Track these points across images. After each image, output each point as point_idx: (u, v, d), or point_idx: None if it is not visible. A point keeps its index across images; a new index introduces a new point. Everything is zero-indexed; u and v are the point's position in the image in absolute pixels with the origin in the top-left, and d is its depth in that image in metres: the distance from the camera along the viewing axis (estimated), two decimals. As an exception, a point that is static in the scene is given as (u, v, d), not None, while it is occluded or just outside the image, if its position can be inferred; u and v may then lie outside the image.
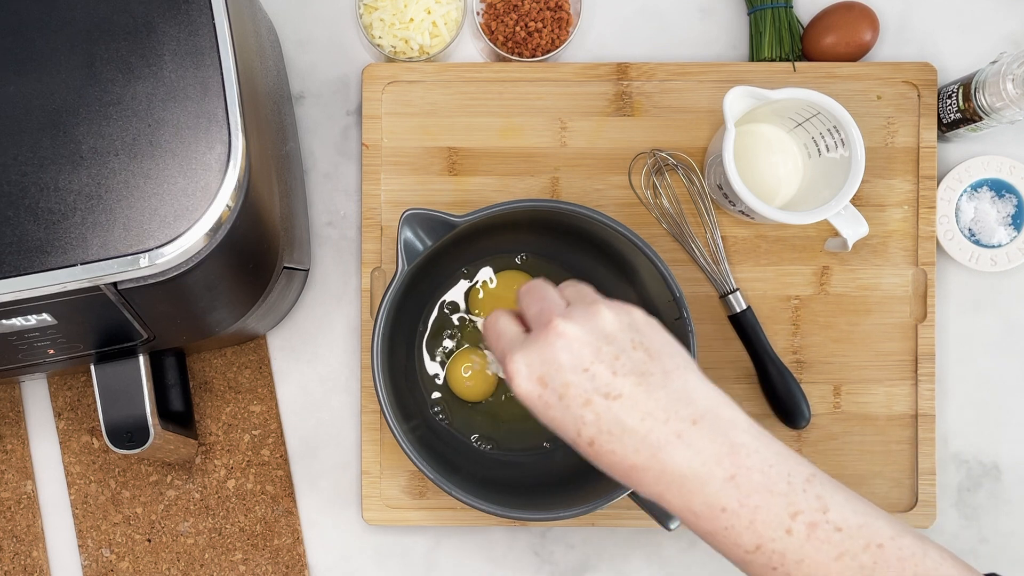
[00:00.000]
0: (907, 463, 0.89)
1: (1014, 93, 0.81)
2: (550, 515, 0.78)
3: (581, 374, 0.59)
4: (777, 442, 0.58)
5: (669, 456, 0.57)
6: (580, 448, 0.60)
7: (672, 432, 0.58)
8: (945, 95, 0.88)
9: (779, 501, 0.56)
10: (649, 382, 0.59)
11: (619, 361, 0.59)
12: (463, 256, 0.86)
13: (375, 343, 0.77)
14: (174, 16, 0.64)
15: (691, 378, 0.60)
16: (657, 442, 0.58)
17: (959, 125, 0.87)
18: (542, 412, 0.60)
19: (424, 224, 0.77)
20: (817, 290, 0.90)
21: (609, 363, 0.59)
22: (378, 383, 0.78)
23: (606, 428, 0.58)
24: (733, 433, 0.58)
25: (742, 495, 0.57)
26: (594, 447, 0.59)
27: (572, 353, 0.59)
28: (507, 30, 0.89)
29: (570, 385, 0.59)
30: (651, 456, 0.58)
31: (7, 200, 0.62)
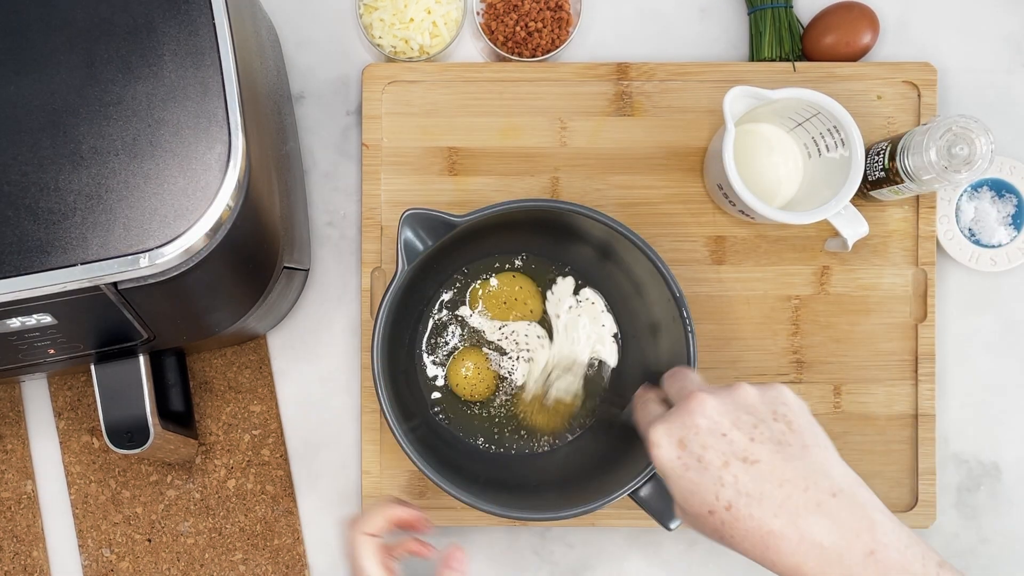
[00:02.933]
0: (907, 463, 0.89)
1: (936, 162, 0.78)
2: (550, 515, 0.78)
3: (720, 438, 0.61)
4: (907, 528, 0.60)
5: (808, 525, 0.59)
6: (715, 517, 0.61)
7: (812, 501, 0.59)
8: (873, 152, 0.85)
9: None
10: (787, 452, 0.61)
11: (757, 429, 0.61)
12: (463, 256, 0.86)
13: (375, 343, 0.77)
14: (174, 16, 0.64)
15: (830, 456, 0.62)
16: (796, 509, 0.59)
17: (882, 184, 0.84)
18: (680, 475, 0.62)
19: (424, 224, 0.77)
20: (817, 290, 0.90)
21: (747, 430, 0.61)
22: (378, 383, 0.77)
23: (745, 491, 0.60)
24: (871, 510, 0.59)
25: (880, 571, 0.58)
26: (731, 511, 0.60)
27: (710, 419, 0.62)
28: (507, 30, 0.89)
29: (708, 448, 0.61)
30: (790, 523, 0.59)
31: (7, 200, 0.62)
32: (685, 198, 0.90)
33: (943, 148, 0.78)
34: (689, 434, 0.62)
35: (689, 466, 0.61)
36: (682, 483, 0.62)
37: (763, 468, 0.60)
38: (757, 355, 0.89)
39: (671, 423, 0.63)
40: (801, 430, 0.62)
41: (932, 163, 0.78)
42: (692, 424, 0.62)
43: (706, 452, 0.61)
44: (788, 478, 0.60)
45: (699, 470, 0.61)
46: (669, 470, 0.62)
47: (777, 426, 0.62)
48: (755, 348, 0.89)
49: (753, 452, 0.61)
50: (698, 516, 0.62)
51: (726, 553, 0.90)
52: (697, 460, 0.61)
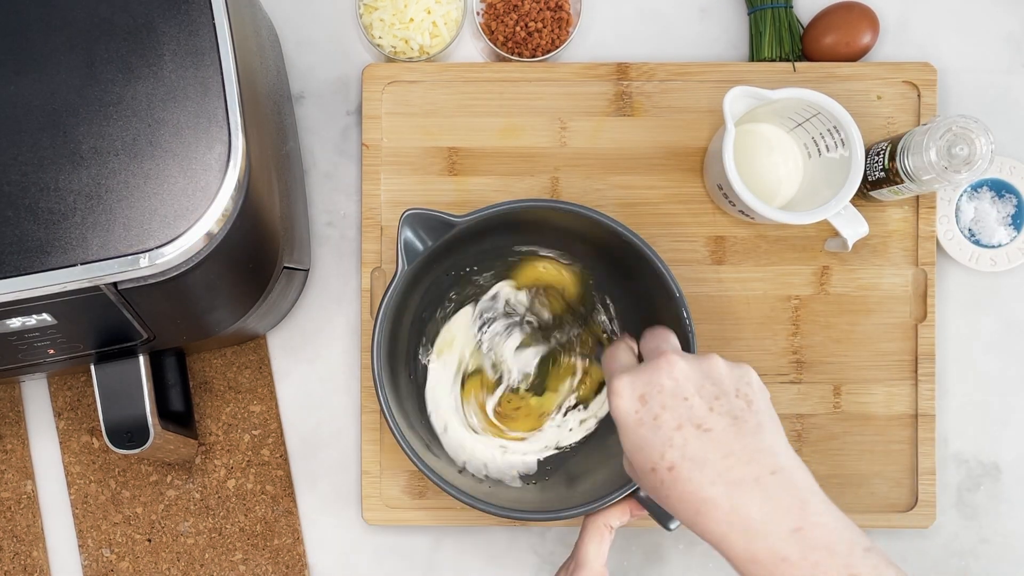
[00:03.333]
0: (907, 463, 0.89)
1: (936, 162, 0.78)
2: (550, 515, 0.78)
3: (680, 401, 0.63)
4: (842, 513, 0.61)
5: (743, 497, 0.60)
6: (656, 475, 0.63)
7: (751, 475, 0.61)
8: (873, 152, 0.85)
9: (839, 561, 0.59)
10: (740, 427, 0.62)
11: (718, 401, 0.63)
12: (463, 255, 0.86)
13: (375, 343, 0.77)
14: (174, 16, 0.64)
15: (779, 440, 0.63)
16: (734, 480, 0.61)
17: (882, 184, 0.84)
18: (632, 429, 0.64)
19: (424, 224, 0.77)
20: (817, 290, 0.90)
21: (708, 400, 0.63)
22: (378, 383, 0.77)
23: (690, 455, 0.61)
24: (805, 493, 0.61)
25: (805, 548, 0.59)
26: (672, 472, 0.62)
27: (676, 381, 0.64)
28: (507, 30, 0.89)
29: (666, 408, 0.63)
30: (726, 493, 0.60)
31: (7, 200, 0.62)
32: (685, 198, 0.90)
33: (943, 148, 0.78)
34: (652, 391, 0.64)
35: (644, 422, 0.63)
36: (633, 436, 0.64)
37: (713, 437, 0.62)
38: (757, 355, 0.89)
39: (637, 376, 0.65)
40: (758, 411, 0.64)
41: (932, 163, 0.78)
42: (657, 382, 0.64)
43: (664, 412, 0.63)
44: (734, 451, 0.61)
45: (652, 427, 0.63)
46: (623, 421, 0.64)
47: (737, 402, 0.64)
48: (755, 348, 0.89)
49: (708, 421, 0.62)
50: (641, 471, 0.64)
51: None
52: (653, 418, 0.63)
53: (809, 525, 0.60)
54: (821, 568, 0.59)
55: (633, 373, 0.65)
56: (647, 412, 0.63)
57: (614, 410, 0.65)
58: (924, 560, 0.91)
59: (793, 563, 0.59)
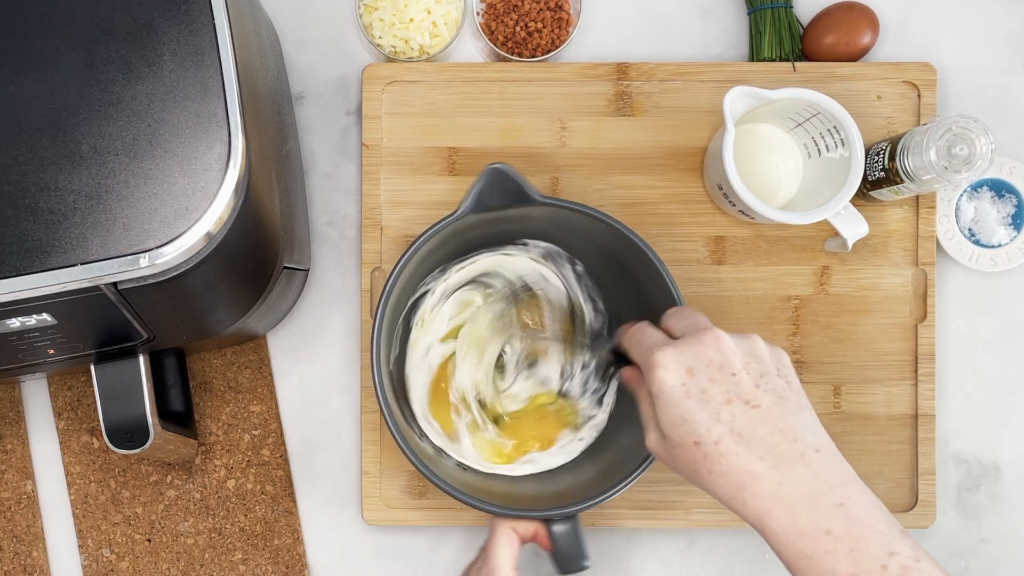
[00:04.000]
0: (907, 463, 0.89)
1: (936, 162, 0.78)
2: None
3: (729, 376, 0.63)
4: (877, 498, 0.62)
5: (790, 471, 0.61)
6: (700, 449, 0.63)
7: (798, 452, 0.62)
8: (873, 152, 0.85)
9: (880, 539, 0.60)
10: (785, 406, 0.63)
11: (764, 379, 0.64)
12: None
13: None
14: (174, 16, 0.64)
15: (817, 421, 0.64)
16: (782, 455, 0.62)
17: (882, 184, 0.84)
18: (679, 401, 0.63)
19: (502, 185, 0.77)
20: (817, 290, 0.90)
21: (754, 377, 0.64)
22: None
23: (737, 430, 0.62)
24: (847, 472, 0.63)
25: (848, 523, 0.60)
26: (719, 446, 0.62)
27: (724, 356, 0.64)
28: (507, 30, 0.89)
29: (716, 382, 0.63)
30: (774, 466, 0.61)
31: (7, 200, 0.62)
32: (685, 198, 0.90)
33: (943, 148, 0.78)
34: (700, 364, 0.64)
35: (691, 394, 0.63)
36: (677, 409, 0.63)
37: (761, 414, 0.63)
38: (757, 355, 0.89)
39: (683, 350, 0.65)
40: (798, 391, 0.65)
41: (932, 163, 0.78)
42: (705, 355, 0.64)
43: (712, 386, 0.63)
44: (780, 428, 0.62)
45: (700, 401, 0.63)
46: (668, 394, 0.64)
47: (779, 381, 0.64)
48: (755, 348, 0.89)
49: (755, 397, 0.63)
50: (680, 445, 0.64)
51: (726, 553, 0.90)
52: (701, 391, 0.63)
53: (851, 502, 0.61)
54: (863, 542, 0.60)
55: (679, 346, 0.65)
56: (694, 385, 0.63)
57: (658, 382, 0.64)
58: (924, 560, 0.91)
59: (837, 536, 0.60)
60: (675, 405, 0.64)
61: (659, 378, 0.64)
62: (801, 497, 0.61)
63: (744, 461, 0.62)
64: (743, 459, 0.62)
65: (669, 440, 0.65)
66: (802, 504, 0.61)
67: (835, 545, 0.60)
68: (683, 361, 0.64)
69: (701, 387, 0.63)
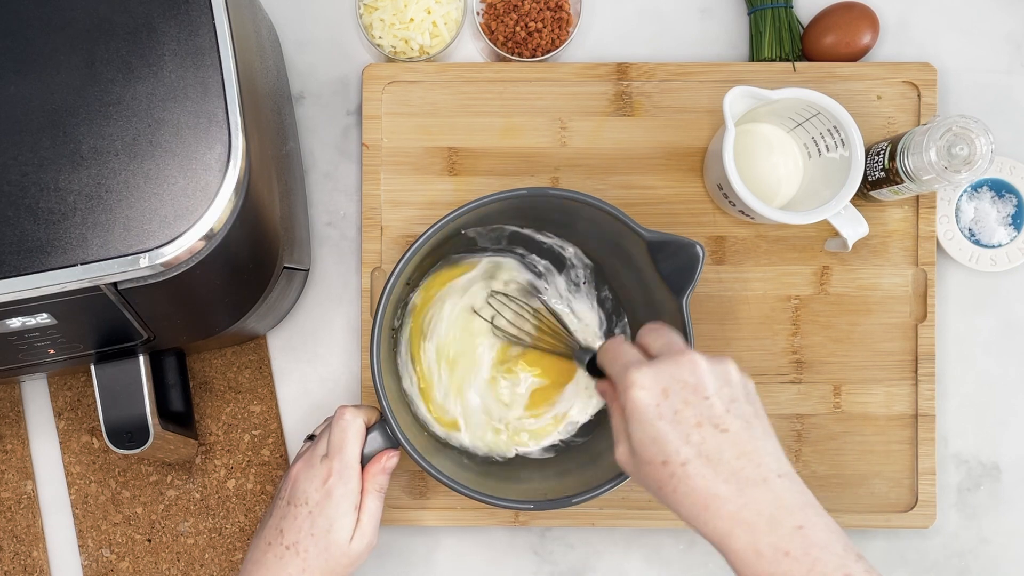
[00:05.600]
0: (907, 463, 0.89)
1: (936, 162, 0.78)
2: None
3: (702, 399, 0.65)
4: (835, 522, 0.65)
5: (754, 493, 0.63)
6: (667, 468, 0.64)
7: (761, 476, 0.64)
8: (873, 152, 0.85)
9: (836, 561, 0.62)
10: (752, 431, 0.65)
11: (734, 404, 0.65)
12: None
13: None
14: (174, 16, 0.64)
15: (779, 447, 0.66)
16: (746, 479, 0.63)
17: (882, 184, 0.84)
18: (651, 421, 0.65)
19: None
20: (817, 290, 0.90)
21: (726, 402, 0.65)
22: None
23: (706, 452, 0.63)
24: (807, 496, 0.64)
25: (807, 545, 0.62)
26: (686, 467, 0.64)
27: (699, 379, 0.65)
28: (507, 30, 0.89)
29: (689, 404, 0.64)
30: (737, 490, 0.63)
31: (7, 200, 0.62)
32: (685, 198, 0.90)
33: (943, 148, 0.78)
34: (675, 386, 0.65)
35: (663, 415, 0.64)
36: (649, 428, 0.65)
37: (729, 438, 0.64)
38: (757, 355, 0.89)
39: (660, 370, 0.66)
40: (763, 418, 0.67)
41: (932, 163, 0.78)
42: (681, 377, 0.65)
43: (685, 408, 0.64)
44: (746, 451, 0.64)
45: (672, 422, 0.64)
46: (642, 412, 0.65)
47: (748, 407, 0.66)
48: (755, 348, 0.89)
49: (725, 421, 0.64)
50: (648, 463, 0.65)
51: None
52: (674, 412, 0.64)
53: (810, 525, 0.63)
54: (820, 564, 0.62)
55: (655, 366, 0.66)
56: (668, 406, 0.64)
57: (632, 400, 0.65)
58: (924, 560, 0.91)
59: (795, 557, 0.62)
60: (647, 424, 0.65)
61: (633, 397, 0.65)
62: (762, 519, 0.62)
63: (710, 483, 0.63)
64: (709, 481, 0.63)
65: (638, 457, 0.66)
66: (763, 526, 0.62)
67: (793, 566, 0.62)
68: (659, 381, 0.65)
69: (674, 408, 0.64)
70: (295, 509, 0.76)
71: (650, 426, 0.65)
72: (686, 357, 0.66)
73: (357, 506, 0.77)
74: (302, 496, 0.76)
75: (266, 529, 0.77)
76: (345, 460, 0.76)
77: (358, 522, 0.77)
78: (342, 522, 0.76)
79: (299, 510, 0.76)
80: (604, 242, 0.83)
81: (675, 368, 0.66)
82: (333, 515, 0.76)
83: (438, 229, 0.78)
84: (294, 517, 0.76)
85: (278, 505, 0.78)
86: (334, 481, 0.76)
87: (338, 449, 0.77)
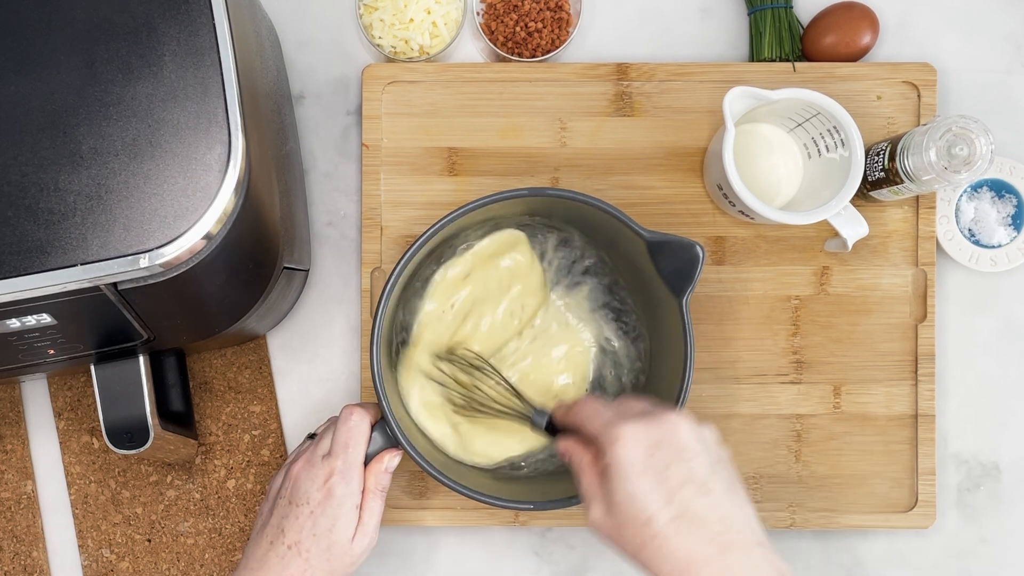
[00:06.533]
0: (907, 463, 0.89)
1: (935, 162, 0.78)
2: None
3: (688, 460, 0.65)
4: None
5: (735, 560, 0.63)
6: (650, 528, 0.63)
7: (741, 543, 0.64)
8: (873, 152, 0.85)
9: None
10: (734, 496, 0.65)
11: (717, 466, 0.66)
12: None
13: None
14: (174, 16, 0.64)
15: (756, 516, 0.66)
16: (727, 544, 0.63)
17: (882, 185, 0.84)
18: (636, 477, 0.64)
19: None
20: (817, 290, 0.90)
21: (709, 465, 0.65)
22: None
23: (690, 513, 0.63)
24: (782, 567, 0.64)
25: None
26: (670, 525, 0.63)
27: (686, 439, 0.65)
28: (507, 30, 0.89)
29: (674, 463, 0.64)
30: (719, 554, 0.63)
31: (7, 200, 0.62)
32: (685, 198, 0.90)
33: (943, 148, 0.78)
34: (665, 443, 0.65)
35: (648, 472, 0.64)
36: (632, 485, 0.64)
37: (713, 499, 0.64)
38: (757, 355, 0.89)
39: (650, 427, 0.65)
40: (740, 486, 0.67)
41: (932, 163, 0.78)
42: (669, 437, 0.65)
43: (672, 466, 0.64)
44: (728, 516, 0.64)
45: (658, 480, 0.64)
46: (627, 468, 0.64)
47: (727, 472, 0.66)
48: (755, 348, 0.89)
49: (709, 483, 0.65)
50: (629, 522, 0.64)
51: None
52: (662, 468, 0.64)
53: None
54: None
55: (645, 423, 0.66)
56: (654, 464, 0.64)
57: (618, 455, 0.65)
58: (924, 560, 0.91)
59: None
60: (631, 481, 0.64)
61: (619, 452, 0.65)
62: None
63: (693, 544, 0.63)
64: (692, 542, 0.63)
65: (617, 516, 0.65)
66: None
67: None
68: (647, 438, 0.65)
69: (662, 466, 0.64)
70: (296, 508, 0.76)
71: (633, 482, 0.64)
72: (674, 416, 0.66)
73: (358, 505, 0.77)
74: (303, 495, 0.76)
75: (267, 528, 0.77)
76: (349, 460, 0.76)
77: (360, 521, 0.77)
78: (344, 521, 0.76)
79: (300, 509, 0.76)
80: (604, 242, 0.83)
81: (664, 426, 0.65)
82: (335, 514, 0.76)
83: (438, 229, 0.78)
84: (295, 516, 0.76)
85: (279, 504, 0.78)
86: (336, 480, 0.76)
87: (343, 448, 0.77)
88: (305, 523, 0.76)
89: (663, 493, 0.64)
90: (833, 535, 0.91)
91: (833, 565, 0.91)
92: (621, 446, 0.65)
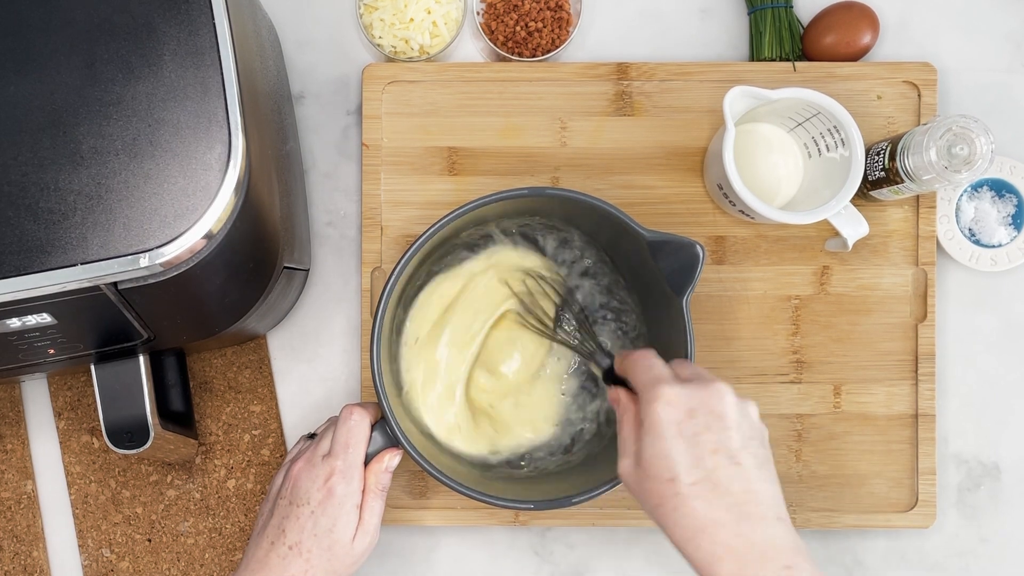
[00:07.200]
0: (907, 463, 0.89)
1: (936, 162, 0.78)
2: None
3: (723, 429, 0.66)
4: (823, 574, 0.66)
5: (751, 527, 0.64)
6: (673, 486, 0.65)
7: (760, 514, 0.65)
8: (874, 152, 0.85)
9: None
10: (762, 473, 0.67)
11: (751, 442, 0.67)
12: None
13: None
14: (174, 16, 0.64)
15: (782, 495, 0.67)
16: (747, 513, 0.65)
17: (882, 184, 0.84)
18: (668, 438, 0.66)
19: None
20: (817, 290, 0.90)
21: (743, 439, 0.67)
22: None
23: (714, 479, 0.65)
24: (800, 543, 0.66)
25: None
26: (693, 487, 0.65)
27: (724, 410, 0.67)
28: (507, 30, 0.89)
29: (710, 430, 0.66)
30: (736, 520, 0.64)
31: (7, 200, 0.62)
32: (685, 198, 0.90)
33: (943, 148, 0.78)
34: (702, 409, 0.66)
35: (683, 434, 0.66)
36: (665, 444, 0.66)
37: (741, 472, 0.65)
38: (757, 355, 0.89)
39: (691, 391, 0.67)
40: (772, 465, 0.68)
41: (932, 163, 0.78)
42: (709, 403, 0.66)
43: (706, 432, 0.66)
44: (753, 490, 0.65)
45: (690, 443, 0.65)
46: (662, 427, 0.66)
47: (762, 451, 0.68)
48: (755, 348, 0.89)
49: (740, 456, 0.66)
50: (653, 478, 0.66)
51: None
52: (694, 433, 0.66)
53: (799, 569, 0.64)
54: None
55: (687, 386, 0.67)
56: (690, 427, 0.66)
57: (655, 413, 0.66)
58: (924, 560, 0.91)
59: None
60: (664, 440, 0.66)
61: (657, 410, 0.66)
62: (754, 553, 0.64)
63: (711, 508, 0.64)
64: (711, 505, 0.64)
65: (644, 471, 0.67)
66: (753, 559, 0.64)
67: None
68: (687, 401, 0.66)
69: (695, 431, 0.66)
70: (297, 509, 0.76)
71: (667, 441, 0.66)
72: (719, 385, 0.68)
73: (359, 505, 0.77)
74: (304, 495, 0.76)
75: (268, 528, 0.77)
76: (349, 460, 0.76)
77: (360, 521, 0.77)
78: (344, 521, 0.76)
79: (301, 510, 0.76)
80: (604, 242, 0.83)
81: (705, 393, 0.67)
82: (335, 514, 0.76)
83: (438, 229, 0.78)
84: (296, 517, 0.76)
85: (279, 504, 0.78)
86: (336, 480, 0.76)
87: (343, 448, 0.77)
88: (306, 523, 0.76)
89: (692, 456, 0.65)
90: (833, 535, 0.91)
91: (833, 565, 0.91)
92: (661, 405, 0.66)
